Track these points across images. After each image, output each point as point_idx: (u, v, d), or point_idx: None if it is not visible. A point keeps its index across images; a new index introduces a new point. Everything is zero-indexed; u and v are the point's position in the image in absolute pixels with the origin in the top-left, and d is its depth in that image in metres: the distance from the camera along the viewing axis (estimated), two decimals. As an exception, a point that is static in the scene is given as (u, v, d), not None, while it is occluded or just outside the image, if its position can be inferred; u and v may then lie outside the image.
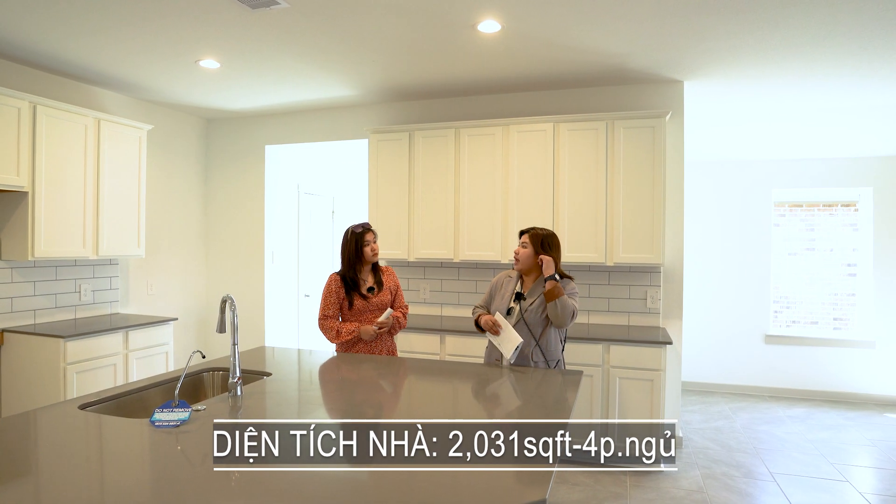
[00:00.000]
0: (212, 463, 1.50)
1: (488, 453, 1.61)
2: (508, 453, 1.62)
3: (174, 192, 5.06)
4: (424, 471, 1.50)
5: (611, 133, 3.95)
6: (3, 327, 3.70)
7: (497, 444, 1.68)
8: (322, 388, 2.42)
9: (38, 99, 3.58)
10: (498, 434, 1.77)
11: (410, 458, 1.58)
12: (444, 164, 4.32)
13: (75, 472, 1.46)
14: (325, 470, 1.49)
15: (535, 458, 1.57)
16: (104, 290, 4.37)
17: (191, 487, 1.39)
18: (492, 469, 1.51)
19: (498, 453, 1.59)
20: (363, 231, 3.06)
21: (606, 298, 4.26)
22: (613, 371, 3.68)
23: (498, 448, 1.64)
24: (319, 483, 1.44)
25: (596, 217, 3.98)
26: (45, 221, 3.64)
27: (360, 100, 4.72)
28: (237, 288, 5.31)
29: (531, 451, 1.62)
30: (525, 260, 2.85)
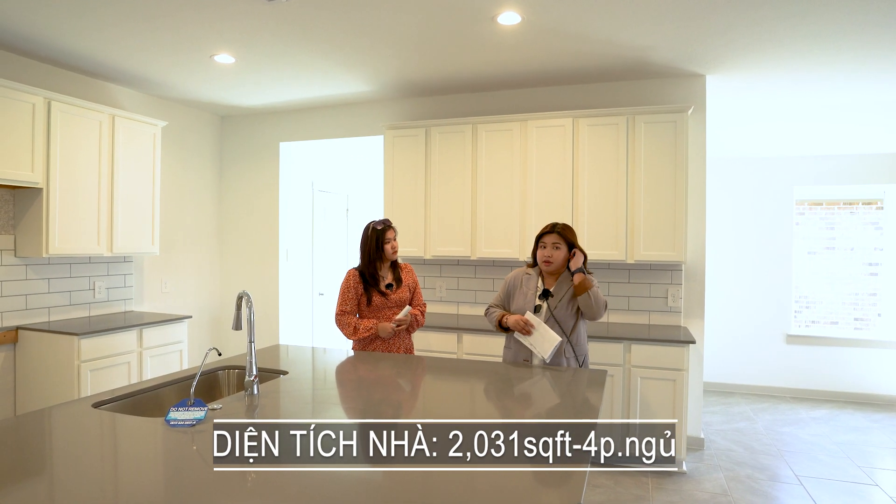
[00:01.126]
0: (216, 463, 1.45)
1: (515, 455, 1.54)
2: (536, 455, 1.55)
3: (188, 190, 5.04)
4: (451, 471, 1.44)
5: (631, 128, 3.87)
6: (17, 324, 3.68)
7: (526, 446, 1.61)
8: (339, 387, 2.36)
9: (52, 95, 3.56)
10: (525, 436, 1.71)
11: (434, 458, 1.52)
12: (461, 160, 4.25)
13: (89, 472, 1.42)
14: (344, 470, 1.43)
15: (566, 459, 1.50)
16: (118, 287, 4.35)
17: (205, 488, 1.34)
18: (521, 469, 1.44)
19: (529, 454, 1.52)
20: (384, 228, 3.03)
21: (626, 297, 4.17)
22: (635, 371, 3.60)
23: (527, 450, 1.58)
24: (338, 484, 1.38)
25: (616, 214, 3.89)
26: (59, 218, 3.62)
27: (375, 95, 4.67)
28: (251, 286, 5.27)
29: (560, 454, 1.55)
30: (559, 260, 2.74)
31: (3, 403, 3.63)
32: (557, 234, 2.74)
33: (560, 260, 2.73)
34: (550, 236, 2.74)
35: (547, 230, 2.77)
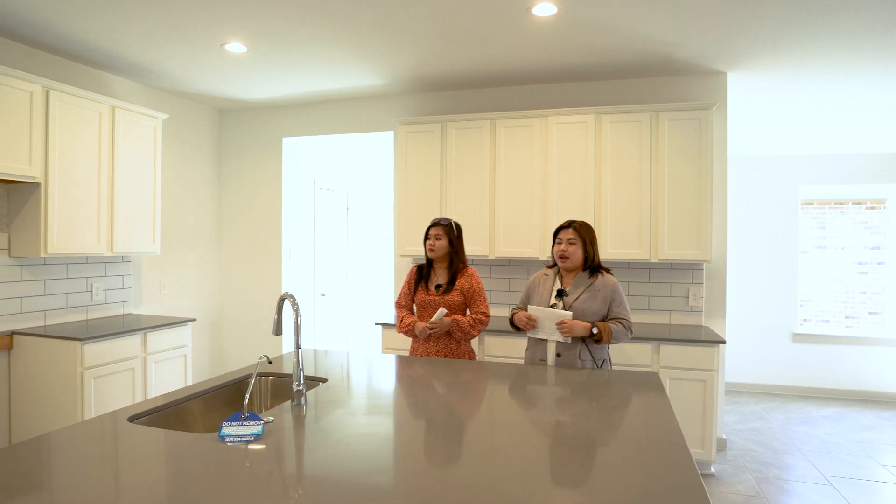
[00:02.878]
0: (290, 481, 1.30)
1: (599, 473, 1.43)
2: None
3: (186, 187, 4.80)
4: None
5: (655, 125, 3.80)
6: (12, 329, 3.43)
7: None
8: (384, 395, 2.22)
9: (51, 83, 3.32)
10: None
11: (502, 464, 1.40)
12: (479, 156, 4.13)
13: (139, 497, 1.25)
14: (411, 484, 1.30)
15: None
16: (116, 289, 4.11)
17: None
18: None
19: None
20: (429, 226, 3.00)
21: (647, 296, 4.11)
22: (664, 372, 3.53)
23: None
24: (407, 497, 1.24)
25: (640, 212, 3.82)
26: (58, 215, 3.38)
27: (386, 90, 4.51)
28: (253, 286, 5.07)
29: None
30: (575, 257, 2.68)
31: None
32: (574, 229, 2.69)
33: (577, 256, 2.68)
34: (566, 231, 2.70)
35: (563, 225, 2.74)
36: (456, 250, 2.96)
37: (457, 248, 2.97)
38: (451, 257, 2.96)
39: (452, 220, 3.00)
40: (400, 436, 1.73)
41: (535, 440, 1.68)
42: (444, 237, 2.93)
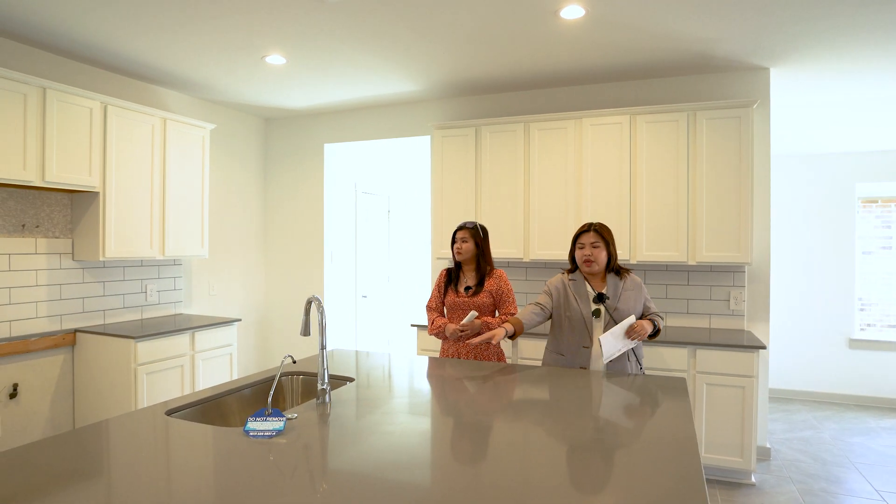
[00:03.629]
0: (309, 476, 1.37)
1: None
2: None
3: (234, 193, 5.04)
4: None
5: (692, 125, 3.72)
6: (75, 327, 3.71)
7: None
8: (411, 395, 2.28)
9: (108, 99, 3.57)
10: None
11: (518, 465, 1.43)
12: (513, 159, 4.15)
13: (170, 484, 1.36)
14: (432, 481, 1.35)
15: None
16: (168, 290, 4.36)
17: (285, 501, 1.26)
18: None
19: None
20: (456, 230, 3.08)
21: (685, 299, 4.02)
22: (700, 377, 3.45)
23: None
24: (427, 494, 1.29)
25: (677, 214, 3.74)
26: (114, 222, 3.63)
27: (422, 95, 4.60)
28: (296, 289, 5.26)
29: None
30: (601, 259, 2.67)
31: (63, 405, 3.65)
32: (595, 232, 2.67)
33: (602, 259, 2.66)
34: (588, 235, 2.67)
35: (584, 229, 2.71)
36: (483, 252, 3.03)
37: (483, 251, 3.03)
38: (478, 260, 3.03)
39: (478, 223, 3.06)
40: (419, 433, 1.79)
41: (542, 441, 1.70)
42: (470, 240, 2.99)
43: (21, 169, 3.14)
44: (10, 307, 3.38)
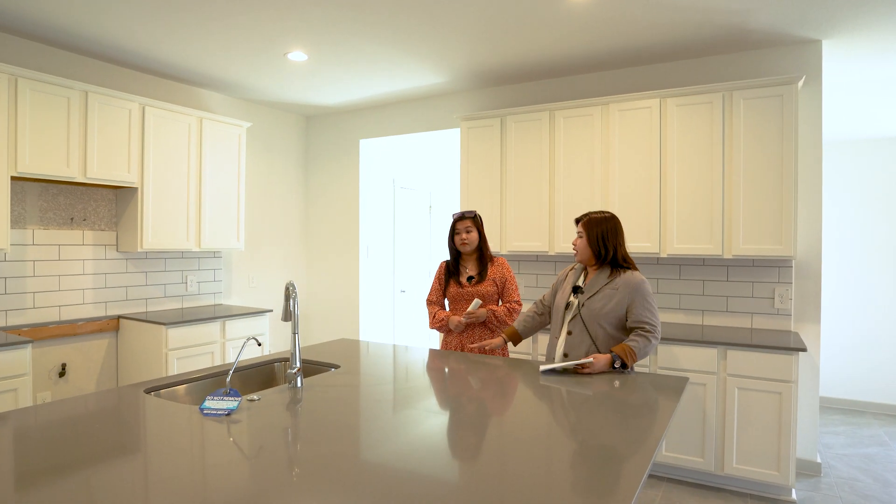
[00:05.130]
0: (260, 453, 1.38)
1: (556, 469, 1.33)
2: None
3: (275, 188, 5.24)
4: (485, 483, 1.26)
5: (728, 106, 3.42)
6: (119, 314, 3.99)
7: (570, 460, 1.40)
8: (383, 383, 2.25)
9: (146, 100, 3.82)
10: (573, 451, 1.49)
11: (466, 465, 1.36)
12: (538, 149, 4.02)
13: (116, 455, 1.41)
14: (391, 466, 1.31)
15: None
16: (208, 281, 4.60)
17: (233, 478, 1.27)
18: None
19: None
20: (455, 220, 3.01)
21: (725, 297, 3.71)
22: (731, 380, 3.17)
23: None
24: (390, 478, 1.25)
25: (711, 203, 3.46)
26: (152, 215, 3.88)
27: (450, 87, 4.56)
28: (334, 282, 5.38)
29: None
30: (582, 250, 2.54)
31: (108, 385, 3.94)
32: (582, 222, 2.57)
33: (582, 249, 2.54)
34: (578, 225, 2.59)
35: (577, 218, 2.62)
36: (483, 241, 3.00)
37: (484, 239, 3.01)
38: (479, 248, 2.98)
39: (476, 212, 3.01)
40: (379, 418, 1.76)
41: (482, 435, 1.62)
42: (473, 229, 2.95)
43: (64, 166, 3.42)
44: (59, 293, 3.69)
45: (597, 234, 2.51)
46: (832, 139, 5.17)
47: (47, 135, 3.33)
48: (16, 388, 2.98)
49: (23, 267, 3.52)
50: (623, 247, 2.53)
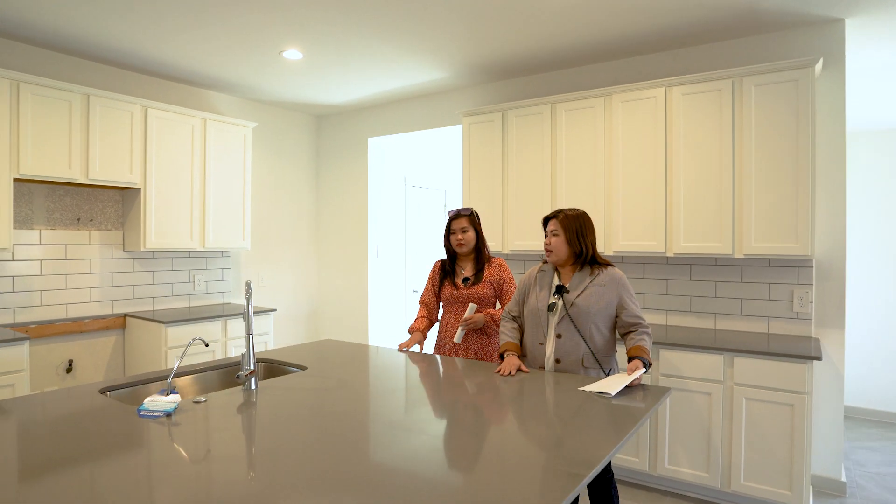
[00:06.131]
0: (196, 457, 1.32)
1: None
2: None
3: (286, 188, 5.26)
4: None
5: (738, 93, 3.18)
6: (125, 312, 4.08)
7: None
8: (348, 388, 2.17)
9: (148, 102, 3.88)
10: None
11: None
12: (539, 145, 3.86)
13: (39, 445, 1.38)
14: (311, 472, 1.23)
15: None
16: (217, 280, 4.65)
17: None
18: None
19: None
20: (451, 218, 2.88)
21: (738, 299, 3.45)
22: (738, 390, 2.93)
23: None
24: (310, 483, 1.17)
25: (720, 199, 3.22)
26: (155, 215, 3.94)
27: (452, 83, 4.45)
28: (344, 282, 5.36)
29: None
30: (559, 249, 2.38)
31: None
32: (555, 219, 2.40)
33: (558, 247, 2.37)
34: (551, 222, 2.42)
35: (550, 215, 2.45)
36: (481, 240, 2.86)
37: (481, 238, 2.86)
38: (477, 248, 2.84)
39: (472, 209, 2.86)
40: (326, 420, 1.67)
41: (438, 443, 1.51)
42: (470, 228, 2.82)
43: (66, 168, 3.51)
44: (66, 291, 3.80)
45: (575, 231, 2.37)
46: (858, 128, 4.77)
47: (49, 137, 3.42)
48: (13, 384, 3.07)
49: (30, 266, 3.63)
50: (596, 244, 2.41)
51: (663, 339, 3.17)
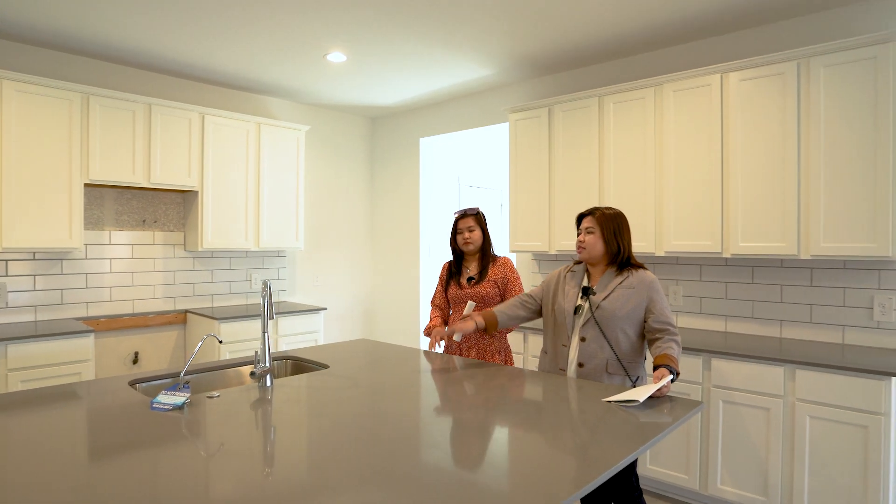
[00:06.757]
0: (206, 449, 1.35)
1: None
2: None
3: (341, 189, 5.37)
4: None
5: (804, 76, 2.86)
6: (186, 308, 4.31)
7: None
8: (362, 388, 2.14)
9: (205, 109, 4.08)
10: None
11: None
12: (586, 140, 3.68)
13: (53, 431, 1.47)
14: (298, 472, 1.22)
15: None
16: (273, 279, 4.82)
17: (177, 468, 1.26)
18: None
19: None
20: (457, 218, 2.88)
21: (808, 305, 3.11)
22: (801, 406, 2.63)
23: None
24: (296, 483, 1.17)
25: (783, 194, 2.92)
26: (211, 216, 4.13)
27: (500, 79, 4.34)
28: (397, 281, 5.39)
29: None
30: (593, 247, 2.25)
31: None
32: (592, 216, 2.29)
33: (595, 248, 2.25)
34: (586, 219, 2.31)
35: (585, 213, 2.33)
36: (487, 239, 2.84)
37: (487, 237, 2.85)
38: (483, 247, 2.82)
39: (479, 208, 2.83)
40: (336, 425, 1.66)
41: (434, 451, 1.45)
42: (476, 228, 2.79)
43: (131, 173, 3.75)
44: (133, 288, 4.07)
45: (613, 230, 2.26)
46: None
47: (115, 145, 3.68)
48: (80, 373, 3.32)
49: (100, 264, 3.93)
50: (631, 245, 2.28)
51: (720, 346, 2.92)
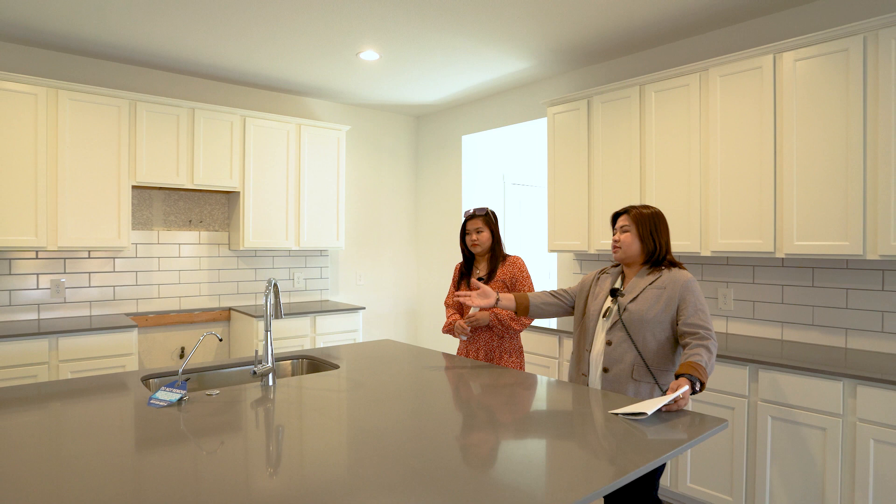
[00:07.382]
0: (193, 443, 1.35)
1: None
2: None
3: (385, 188, 5.37)
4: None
5: (872, 53, 2.52)
6: (230, 306, 4.44)
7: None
8: (364, 389, 2.08)
9: (246, 112, 4.18)
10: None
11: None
12: (627, 132, 3.45)
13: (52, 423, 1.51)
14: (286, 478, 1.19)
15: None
16: (315, 278, 4.88)
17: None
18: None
19: None
20: (466, 219, 2.81)
21: (879, 312, 2.75)
22: (862, 428, 2.31)
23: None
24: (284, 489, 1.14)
25: (846, 187, 2.59)
26: (253, 216, 4.23)
27: (537, 73, 4.17)
28: (441, 281, 5.32)
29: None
30: (629, 246, 2.12)
31: (220, 370, 4.41)
32: (627, 215, 2.16)
33: (630, 247, 2.12)
34: (621, 218, 2.18)
35: (620, 211, 2.21)
36: (497, 240, 2.76)
37: (497, 238, 2.76)
38: (492, 248, 2.75)
39: (489, 209, 2.75)
40: (332, 423, 1.62)
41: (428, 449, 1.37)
42: (485, 229, 2.74)
43: (175, 175, 3.90)
44: (179, 286, 4.23)
45: (650, 228, 2.12)
46: None
47: (160, 148, 3.83)
48: (124, 365, 3.48)
49: (149, 262, 4.11)
50: (670, 245, 2.17)
51: (773, 356, 2.63)
